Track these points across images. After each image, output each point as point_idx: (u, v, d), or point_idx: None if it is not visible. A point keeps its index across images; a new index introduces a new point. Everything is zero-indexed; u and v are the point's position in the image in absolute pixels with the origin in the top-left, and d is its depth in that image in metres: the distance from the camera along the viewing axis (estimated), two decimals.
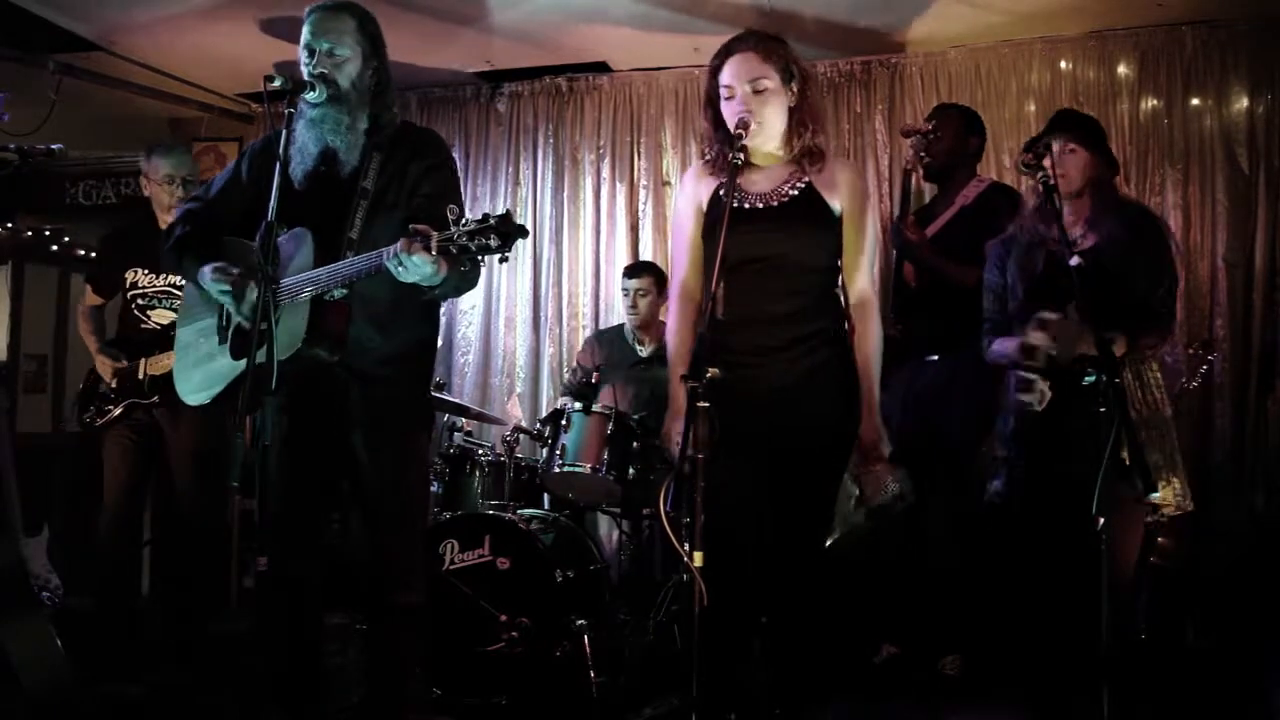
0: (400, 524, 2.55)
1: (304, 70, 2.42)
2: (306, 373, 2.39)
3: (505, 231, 2.03)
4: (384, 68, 2.51)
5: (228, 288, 2.39)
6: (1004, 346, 2.84)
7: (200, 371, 2.60)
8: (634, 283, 4.30)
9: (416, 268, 2.12)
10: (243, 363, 2.41)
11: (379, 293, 2.38)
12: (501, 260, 2.08)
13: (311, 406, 2.46)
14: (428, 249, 2.08)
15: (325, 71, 2.40)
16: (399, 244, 2.12)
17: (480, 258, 2.08)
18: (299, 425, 2.48)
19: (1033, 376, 2.58)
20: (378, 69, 2.49)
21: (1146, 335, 2.74)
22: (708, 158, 2.52)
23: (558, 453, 3.65)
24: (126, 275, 3.70)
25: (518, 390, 5.08)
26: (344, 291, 2.34)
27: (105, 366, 3.65)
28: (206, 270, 2.42)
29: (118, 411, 3.60)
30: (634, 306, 4.28)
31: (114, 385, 3.61)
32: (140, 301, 3.67)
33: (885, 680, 3.45)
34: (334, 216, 2.40)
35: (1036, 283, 2.78)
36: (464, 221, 2.06)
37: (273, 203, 2.19)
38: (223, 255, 2.48)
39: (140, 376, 3.59)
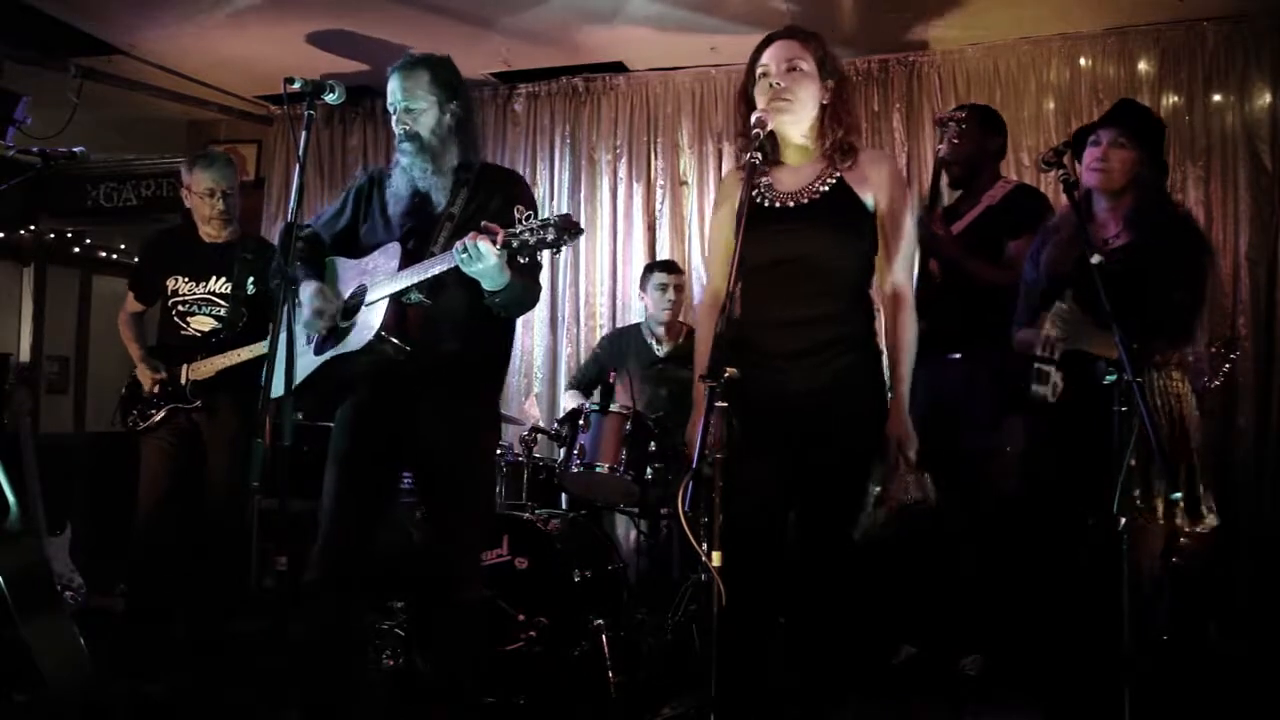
0: (468, 524, 2.66)
1: (394, 126, 2.63)
2: (380, 373, 2.53)
3: (562, 228, 2.29)
4: (463, 108, 2.67)
5: (320, 306, 2.56)
6: (1025, 336, 2.82)
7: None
8: (674, 278, 4.29)
9: (481, 256, 2.32)
10: (316, 360, 2.61)
11: (460, 308, 2.55)
12: (555, 253, 2.40)
13: (383, 406, 2.59)
14: (492, 240, 2.31)
15: (408, 127, 2.60)
16: (468, 236, 2.33)
17: (538, 252, 2.35)
18: (371, 425, 2.61)
19: (1048, 368, 2.56)
20: (456, 111, 2.65)
21: (1157, 340, 2.66)
22: (741, 160, 2.50)
23: (575, 452, 3.65)
24: (167, 283, 3.75)
25: (535, 390, 5.09)
26: (420, 297, 2.51)
27: (146, 378, 3.70)
28: (310, 288, 2.59)
29: (161, 416, 3.65)
30: (675, 301, 4.27)
31: (157, 390, 3.66)
32: (180, 308, 3.72)
33: (905, 680, 3.43)
34: (421, 236, 2.60)
35: (1062, 280, 2.74)
36: (528, 217, 2.31)
37: (292, 204, 2.31)
38: (323, 272, 2.72)
39: (183, 382, 3.64)
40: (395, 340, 2.48)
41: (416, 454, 2.63)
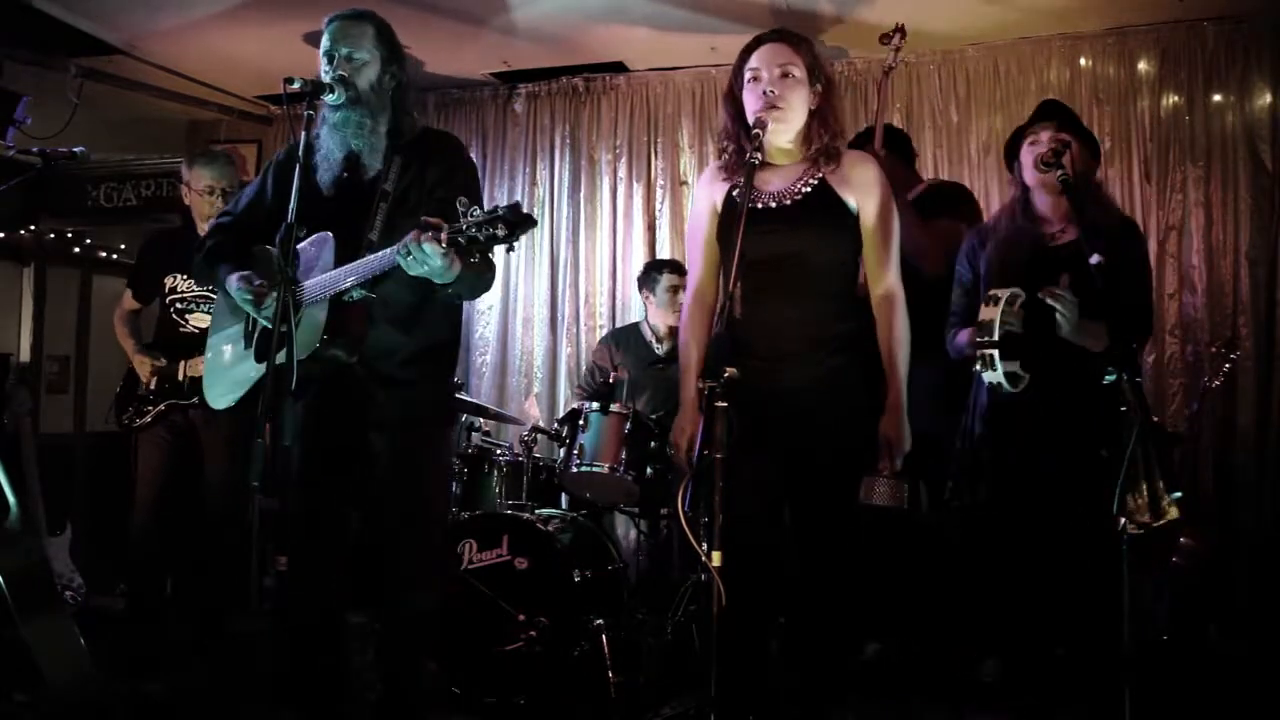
0: (417, 524, 2.55)
1: (324, 76, 2.46)
2: (330, 376, 2.42)
3: (513, 221, 2.04)
4: (402, 72, 2.55)
5: (250, 295, 2.44)
6: (965, 337, 2.79)
7: (227, 377, 2.64)
8: (684, 279, 4.23)
9: (426, 258, 2.12)
10: (262, 366, 2.44)
11: (401, 296, 2.42)
12: (508, 250, 2.11)
13: (336, 410, 2.48)
14: (438, 240, 2.09)
15: (345, 75, 2.44)
16: (409, 235, 2.14)
17: (489, 249, 2.11)
18: (323, 429, 2.49)
19: (988, 352, 2.54)
20: (396, 73, 2.53)
21: (1131, 332, 2.62)
22: (723, 160, 2.50)
23: (575, 452, 3.65)
24: (165, 281, 3.75)
25: (535, 390, 5.09)
26: (363, 293, 2.36)
27: (144, 366, 3.69)
28: (233, 278, 2.47)
29: (157, 412, 3.65)
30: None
31: (153, 387, 3.66)
32: (179, 306, 3.72)
33: (906, 680, 3.43)
34: (355, 219, 2.44)
35: (1014, 276, 2.69)
36: (473, 212, 2.08)
37: (292, 204, 2.23)
38: (250, 264, 2.53)
39: (180, 378, 3.64)
40: (342, 343, 2.37)
41: (365, 453, 2.48)
